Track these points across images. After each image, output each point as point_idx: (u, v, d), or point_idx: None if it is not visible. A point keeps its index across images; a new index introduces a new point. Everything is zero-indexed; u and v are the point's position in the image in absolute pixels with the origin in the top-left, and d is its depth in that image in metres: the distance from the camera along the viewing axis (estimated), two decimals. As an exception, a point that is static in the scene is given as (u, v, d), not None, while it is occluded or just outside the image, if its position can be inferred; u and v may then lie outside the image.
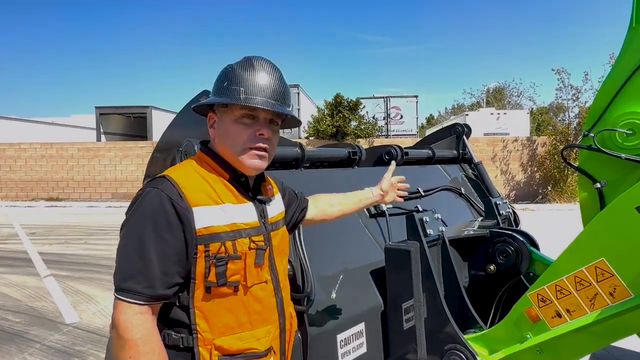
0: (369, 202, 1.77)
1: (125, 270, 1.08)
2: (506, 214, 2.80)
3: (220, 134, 1.25)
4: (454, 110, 39.64)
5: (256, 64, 1.23)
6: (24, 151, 16.88)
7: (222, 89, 1.22)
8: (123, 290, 1.07)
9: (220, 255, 1.14)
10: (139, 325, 1.06)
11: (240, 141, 1.21)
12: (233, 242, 1.16)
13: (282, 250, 1.34)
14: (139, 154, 16.57)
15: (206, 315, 1.15)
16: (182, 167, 1.24)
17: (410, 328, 1.91)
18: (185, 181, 1.16)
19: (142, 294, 1.07)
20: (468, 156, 3.41)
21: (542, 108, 23.87)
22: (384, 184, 1.78)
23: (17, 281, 6.02)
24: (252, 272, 1.19)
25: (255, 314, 1.21)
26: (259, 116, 1.22)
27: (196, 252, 1.13)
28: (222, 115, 1.24)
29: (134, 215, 1.11)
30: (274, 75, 1.24)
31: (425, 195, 2.75)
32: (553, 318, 1.66)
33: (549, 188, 14.80)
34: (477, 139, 15.07)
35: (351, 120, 16.66)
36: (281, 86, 1.25)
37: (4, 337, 4.16)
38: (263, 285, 1.23)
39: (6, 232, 9.89)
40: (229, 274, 1.15)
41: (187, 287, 1.15)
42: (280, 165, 2.24)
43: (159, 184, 1.13)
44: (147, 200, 1.11)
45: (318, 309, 1.71)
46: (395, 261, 1.92)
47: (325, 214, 1.68)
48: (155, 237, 1.08)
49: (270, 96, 1.21)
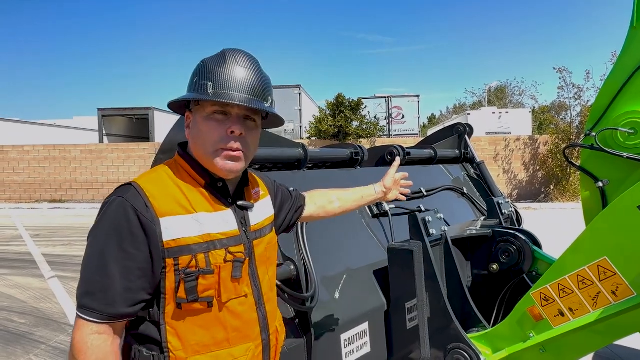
0: (371, 199, 1.70)
1: (85, 286, 1.00)
2: (508, 213, 2.81)
3: (192, 134, 1.14)
4: (456, 110, 39.58)
5: (228, 56, 1.12)
6: (27, 153, 16.95)
7: (192, 85, 1.13)
8: (81, 307, 1.00)
9: (190, 270, 1.04)
10: (94, 347, 0.98)
11: (210, 140, 1.09)
12: (206, 254, 1.06)
13: (267, 259, 1.24)
14: (141, 155, 16.62)
15: (178, 333, 1.06)
16: (154, 172, 1.14)
17: (414, 327, 1.92)
18: (154, 188, 1.07)
19: (101, 312, 0.99)
20: (470, 156, 3.41)
21: (544, 107, 23.82)
22: (387, 180, 1.71)
23: (22, 283, 6.05)
24: (228, 287, 1.09)
25: (233, 331, 1.11)
26: (231, 113, 1.10)
27: (165, 265, 1.04)
28: (195, 113, 1.14)
29: (97, 226, 1.03)
30: (250, 69, 1.12)
31: (428, 195, 2.76)
32: (556, 317, 1.67)
33: (551, 187, 14.78)
34: (479, 138, 15.06)
35: (353, 120, 16.66)
36: (257, 80, 1.12)
37: (10, 338, 4.19)
38: (242, 299, 1.13)
39: (10, 234, 9.94)
40: (201, 289, 1.06)
41: (158, 302, 1.07)
42: (283, 166, 2.25)
43: (125, 193, 1.05)
44: (110, 210, 1.03)
45: (322, 309, 1.72)
46: (399, 261, 1.93)
47: (326, 211, 1.60)
48: (118, 251, 1.00)
49: (243, 90, 1.09)
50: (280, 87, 17.92)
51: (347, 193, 1.67)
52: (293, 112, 17.72)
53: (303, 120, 18.02)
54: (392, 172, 1.74)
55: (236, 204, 1.17)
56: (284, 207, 1.45)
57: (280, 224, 1.43)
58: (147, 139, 19.39)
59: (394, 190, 1.75)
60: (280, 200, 1.43)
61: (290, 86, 18.12)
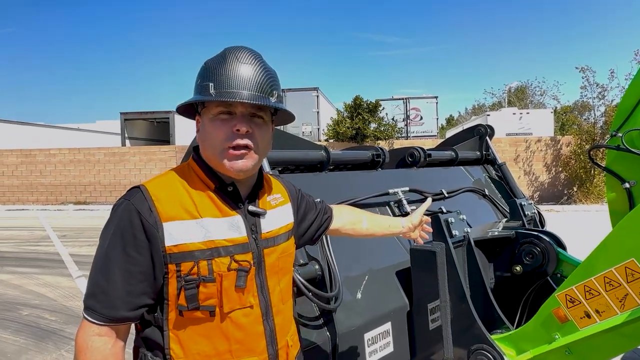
0: (396, 231, 1.64)
1: (90, 287, 1.02)
2: (531, 215, 2.78)
3: (201, 137, 1.12)
4: (475, 111, 39.08)
5: (228, 55, 1.09)
6: (53, 156, 17.48)
7: (196, 88, 1.11)
8: (86, 308, 1.01)
9: (190, 277, 1.02)
10: (94, 349, 0.99)
11: (217, 140, 1.07)
12: (209, 261, 1.03)
13: (280, 269, 1.18)
14: (162, 158, 16.95)
15: (181, 340, 1.05)
16: (165, 175, 1.13)
17: (437, 328, 1.93)
18: (160, 192, 1.06)
19: (102, 314, 0.99)
20: (491, 157, 3.39)
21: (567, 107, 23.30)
22: (415, 218, 1.64)
23: (51, 281, 6.26)
24: (230, 296, 1.05)
25: (236, 343, 1.07)
26: (235, 112, 1.07)
27: (167, 271, 1.03)
28: (202, 116, 1.11)
29: (106, 229, 1.05)
30: (252, 64, 1.08)
31: (449, 196, 2.76)
32: (582, 319, 1.66)
33: (574, 189, 14.44)
34: (499, 140, 14.84)
35: (370, 122, 16.64)
36: (260, 75, 1.08)
37: (42, 335, 4.35)
38: (247, 310, 1.09)
39: (39, 235, 10.27)
40: (202, 297, 1.03)
41: (161, 308, 1.05)
42: (305, 168, 2.29)
43: (131, 196, 1.05)
44: (117, 213, 1.04)
45: (345, 309, 1.74)
46: (421, 262, 1.94)
47: (354, 229, 1.56)
48: (121, 255, 1.01)
49: (246, 87, 1.05)
50: (298, 89, 18.03)
51: (376, 217, 1.64)
52: (311, 115, 17.79)
53: (321, 122, 18.08)
54: (421, 210, 1.67)
55: (247, 210, 1.13)
56: (307, 217, 1.39)
57: (302, 233, 1.39)
58: (167, 142, 19.75)
59: (418, 229, 1.69)
60: (304, 210, 1.38)
61: (308, 89, 18.20)
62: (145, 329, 1.09)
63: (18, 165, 17.48)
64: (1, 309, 5.14)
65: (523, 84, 34.26)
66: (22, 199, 17.40)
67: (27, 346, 4.10)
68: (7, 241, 9.46)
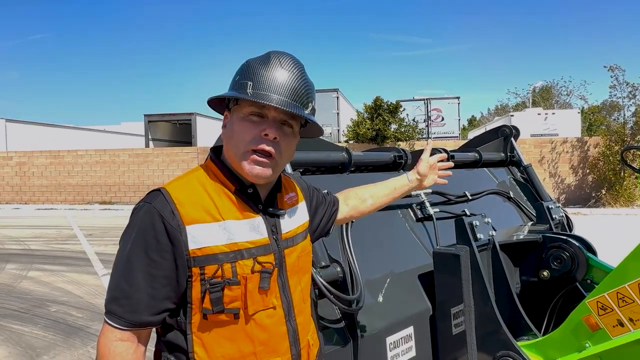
0: (405, 190, 1.59)
1: (111, 291, 1.01)
2: (559, 218, 2.70)
3: (226, 134, 1.12)
4: (498, 111, 38.36)
5: (273, 58, 1.08)
6: (81, 157, 18.01)
7: (234, 84, 1.10)
8: (108, 313, 1.00)
9: (215, 280, 1.01)
10: (116, 354, 0.98)
11: (243, 141, 1.06)
12: (233, 264, 1.03)
13: (300, 269, 1.18)
14: (184, 159, 17.25)
15: (205, 343, 1.04)
16: (185, 177, 1.12)
17: (460, 333, 1.89)
18: (182, 195, 1.05)
19: (125, 318, 0.98)
20: (516, 159, 3.31)
21: (594, 107, 22.59)
22: (421, 167, 1.57)
23: (78, 279, 6.45)
24: (254, 298, 1.05)
25: (260, 345, 1.07)
26: (268, 115, 1.06)
27: (191, 275, 1.02)
28: (233, 113, 1.11)
29: (126, 232, 1.04)
30: (293, 72, 1.08)
31: (473, 199, 2.71)
32: (614, 327, 1.59)
33: (602, 191, 13.99)
34: (523, 141, 14.51)
35: (391, 123, 16.52)
36: (300, 85, 1.08)
37: (69, 331, 4.49)
38: (270, 311, 1.09)
39: (66, 234, 10.59)
40: (227, 300, 1.02)
41: (185, 311, 1.04)
42: (327, 170, 2.28)
43: (153, 199, 1.04)
44: (139, 216, 1.03)
45: (367, 312, 1.73)
46: (444, 265, 1.91)
47: (359, 211, 1.53)
48: (144, 258, 1.00)
49: (283, 93, 1.05)
50: (318, 91, 17.78)
51: (379, 188, 1.58)
52: (331, 116, 17.80)
53: (341, 124, 18.06)
54: (425, 156, 1.59)
55: (267, 211, 1.13)
56: (319, 211, 1.39)
57: (315, 228, 1.38)
58: (189, 143, 20.09)
59: (431, 175, 1.61)
60: (315, 205, 1.38)
61: (328, 90, 18.22)
62: (167, 332, 1.08)
63: (47, 166, 18.09)
64: (31, 305, 5.33)
65: (548, 83, 33.48)
66: (50, 198, 17.98)
67: (56, 342, 4.23)
68: (36, 239, 9.79)
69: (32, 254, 8.31)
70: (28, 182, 18.18)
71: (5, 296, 5.69)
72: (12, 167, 18.30)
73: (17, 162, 18.28)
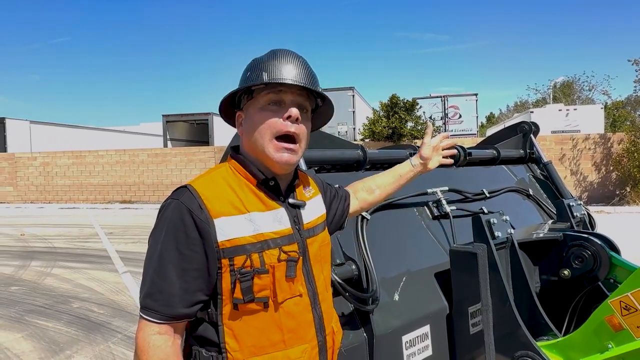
0: (410, 175, 1.61)
1: (146, 288, 1.04)
2: (581, 216, 2.64)
3: (246, 129, 1.16)
4: (517, 108, 37.66)
5: (279, 52, 1.16)
6: (101, 157, 18.41)
7: (245, 79, 1.15)
8: (143, 308, 1.04)
9: (245, 270, 1.05)
10: (156, 347, 1.01)
11: (266, 127, 1.11)
12: (260, 254, 1.07)
13: (322, 258, 1.23)
14: (202, 158, 17.45)
15: (235, 334, 1.07)
16: (208, 174, 1.17)
17: (478, 333, 1.86)
18: (207, 190, 1.09)
19: (161, 312, 1.02)
20: (536, 156, 3.24)
21: (618, 102, 21.94)
22: (424, 150, 1.60)
23: (99, 276, 6.59)
24: (282, 286, 1.09)
25: (288, 332, 1.11)
26: (285, 100, 1.13)
27: (220, 266, 1.06)
28: (247, 109, 1.16)
29: (156, 229, 1.08)
30: (299, 62, 1.16)
31: (491, 196, 2.66)
32: (639, 328, 1.55)
33: (627, 189, 13.59)
34: (544, 138, 14.20)
35: (407, 121, 16.38)
36: (306, 71, 1.16)
37: (91, 327, 4.59)
38: (297, 299, 1.12)
39: (88, 232, 10.85)
40: (256, 289, 1.06)
41: (215, 303, 1.08)
42: (342, 168, 2.28)
43: (180, 195, 1.08)
44: (167, 213, 1.07)
45: (382, 310, 1.71)
46: (462, 264, 1.88)
47: (368, 202, 1.57)
48: (175, 253, 1.03)
49: (297, 77, 1.12)
50: (334, 89, 18.02)
51: (385, 177, 1.61)
52: (347, 114, 17.75)
53: (357, 122, 17.99)
54: (427, 140, 1.62)
55: (288, 202, 1.18)
56: (332, 205, 1.44)
57: (330, 221, 1.42)
58: (207, 142, 20.32)
59: (435, 157, 1.64)
60: (330, 199, 1.43)
61: (344, 88, 18.16)
62: (197, 326, 1.11)
63: (70, 166, 18.55)
64: (55, 301, 5.48)
65: (570, 78, 32.65)
66: (73, 198, 18.44)
67: (78, 337, 4.34)
68: (59, 238, 10.06)
69: (55, 251, 8.54)
70: (52, 182, 18.68)
71: (31, 292, 5.87)
72: (36, 167, 18.83)
73: (41, 163, 18.80)
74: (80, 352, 4.00)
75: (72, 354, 3.97)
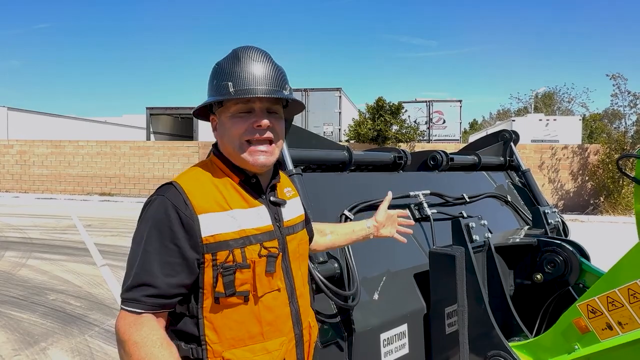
0: (362, 234, 1.60)
1: (130, 280, 1.05)
2: (555, 223, 2.74)
3: (220, 135, 1.20)
4: (499, 116, 38.39)
5: (241, 54, 1.16)
6: (82, 148, 18.02)
7: (213, 88, 1.17)
8: (127, 300, 1.04)
9: (227, 264, 1.08)
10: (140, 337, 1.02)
11: (237, 136, 1.14)
12: (242, 249, 1.10)
13: (300, 255, 1.27)
14: (185, 153, 17.26)
15: (216, 327, 1.10)
16: (192, 171, 1.20)
17: (453, 333, 1.93)
18: (192, 187, 1.12)
19: (145, 303, 1.04)
20: (515, 163, 3.35)
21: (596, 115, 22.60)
22: (379, 215, 1.60)
23: (77, 269, 6.47)
24: (262, 281, 1.13)
25: (267, 325, 1.15)
26: (254, 107, 1.15)
27: (203, 261, 1.09)
28: (219, 115, 1.19)
29: (141, 224, 1.10)
30: (263, 62, 1.16)
31: (470, 201, 2.74)
32: (603, 330, 1.63)
33: (601, 199, 14.03)
34: (524, 146, 14.54)
35: (392, 124, 16.53)
36: (272, 71, 1.16)
37: (67, 320, 4.52)
38: (275, 293, 1.17)
39: (65, 224, 10.62)
40: (238, 283, 1.10)
41: (196, 297, 1.11)
42: (327, 168, 2.31)
43: (165, 192, 1.11)
44: (152, 209, 1.09)
45: (362, 308, 1.76)
46: (440, 266, 1.94)
47: (317, 244, 1.54)
48: (160, 247, 1.05)
49: (262, 84, 1.13)
50: (321, 89, 18.07)
51: (340, 227, 1.63)
52: (333, 115, 17.81)
53: (342, 123, 18.07)
54: (383, 206, 1.62)
55: (269, 200, 1.22)
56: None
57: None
58: (191, 137, 20.09)
59: (389, 227, 1.63)
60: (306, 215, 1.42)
61: (331, 89, 18.22)
62: (177, 321, 1.13)
63: (48, 155, 18.10)
64: (30, 292, 5.36)
65: (551, 89, 33.47)
66: (50, 188, 18.00)
67: (54, 329, 4.26)
68: (36, 228, 9.82)
69: (31, 242, 8.34)
70: (28, 171, 18.19)
71: (5, 283, 5.73)
72: (12, 155, 18.31)
73: (18, 151, 18.29)
74: (55, 345, 3.94)
75: (47, 346, 3.91)
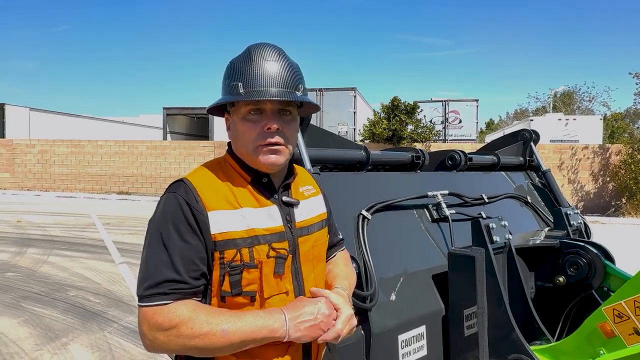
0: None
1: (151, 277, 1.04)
2: (577, 225, 2.67)
3: (233, 136, 1.19)
4: (517, 115, 37.80)
5: (253, 53, 1.14)
6: (100, 147, 18.37)
7: (225, 88, 1.16)
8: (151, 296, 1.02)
9: (234, 264, 1.07)
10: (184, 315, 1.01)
11: (249, 140, 1.13)
12: (250, 249, 1.09)
13: (314, 257, 1.23)
14: (201, 153, 17.45)
15: None
16: (204, 169, 1.19)
17: (472, 335, 1.90)
18: (202, 184, 1.12)
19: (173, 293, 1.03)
20: (535, 163, 3.28)
21: (617, 114, 22.04)
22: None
23: (96, 266, 6.61)
24: (269, 283, 1.11)
25: None
26: (265, 109, 1.13)
27: (213, 258, 1.08)
28: (232, 115, 1.18)
29: (156, 221, 1.09)
30: (276, 61, 1.14)
31: (489, 202, 2.70)
32: (630, 335, 1.58)
33: (623, 200, 13.68)
34: (543, 146, 14.28)
35: (408, 124, 16.42)
36: (285, 71, 1.13)
37: (87, 316, 4.62)
38: (283, 296, 1.13)
39: (85, 222, 10.84)
40: (244, 283, 1.08)
41: (205, 294, 1.10)
42: (344, 167, 2.30)
43: (177, 189, 1.11)
44: (166, 205, 1.09)
45: (380, 309, 1.75)
46: (459, 267, 1.91)
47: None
48: (179, 242, 1.05)
49: (274, 84, 1.11)
50: (336, 89, 18.06)
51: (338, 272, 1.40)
52: (347, 115, 17.78)
53: (357, 122, 18.03)
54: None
55: (281, 200, 1.19)
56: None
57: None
58: (206, 137, 20.29)
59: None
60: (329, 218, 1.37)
61: (346, 89, 18.19)
62: None
63: (68, 155, 18.50)
64: (51, 289, 5.49)
65: (570, 88, 32.78)
66: (70, 186, 18.40)
67: (74, 325, 4.36)
68: (56, 226, 10.05)
69: (52, 239, 8.54)
70: (49, 170, 18.63)
71: (27, 279, 5.88)
72: (34, 154, 18.78)
73: (39, 150, 18.75)
74: (76, 340, 4.02)
75: (68, 342, 3.99)
